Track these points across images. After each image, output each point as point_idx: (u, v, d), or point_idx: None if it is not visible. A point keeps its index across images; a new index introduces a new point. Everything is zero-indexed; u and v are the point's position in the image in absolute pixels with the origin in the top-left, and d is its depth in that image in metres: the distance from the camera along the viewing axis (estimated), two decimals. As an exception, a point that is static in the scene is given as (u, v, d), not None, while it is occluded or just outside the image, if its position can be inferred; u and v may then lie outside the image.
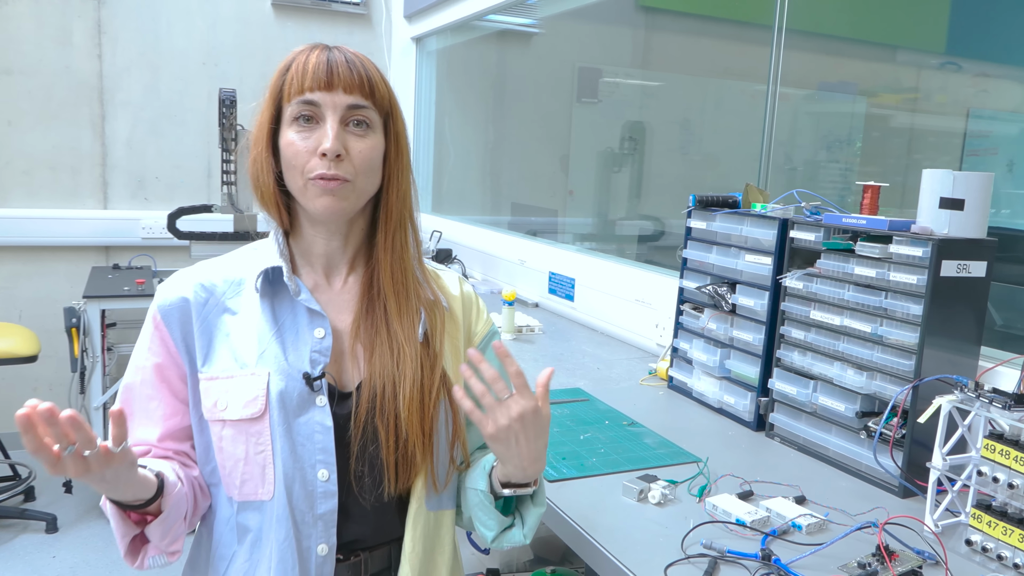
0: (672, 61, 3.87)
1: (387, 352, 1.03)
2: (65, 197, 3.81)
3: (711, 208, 1.79)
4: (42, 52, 3.69)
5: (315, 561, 1.01)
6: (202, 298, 1.04)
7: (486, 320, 1.17)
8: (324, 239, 1.07)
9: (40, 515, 3.15)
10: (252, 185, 1.06)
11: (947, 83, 3.01)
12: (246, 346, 1.02)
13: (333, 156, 0.98)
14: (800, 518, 1.19)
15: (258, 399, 0.99)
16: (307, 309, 1.04)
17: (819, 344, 1.49)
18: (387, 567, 1.07)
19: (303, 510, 1.00)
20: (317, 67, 1.00)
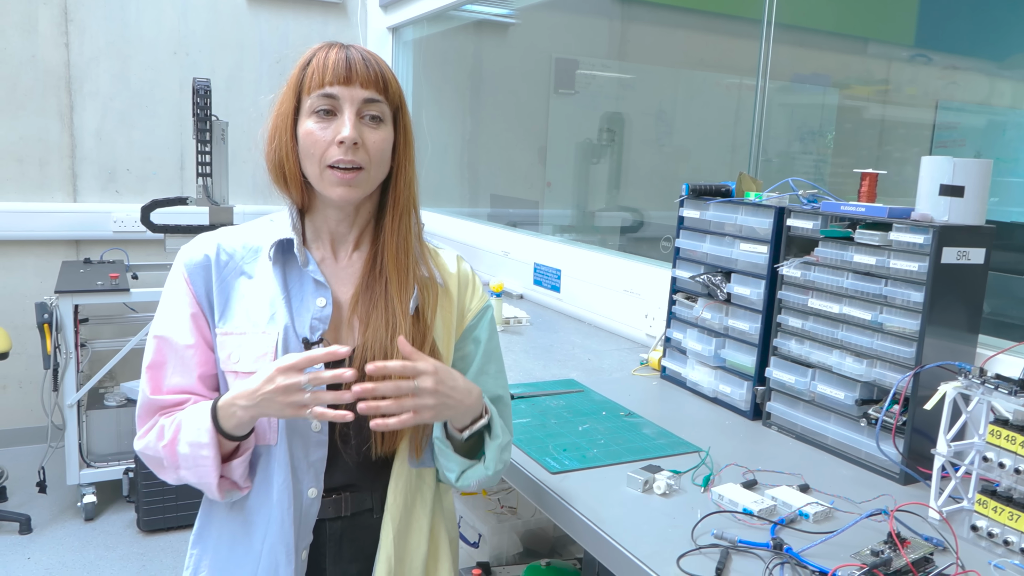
0: (648, 52, 3.87)
1: (381, 324, 1.12)
2: (33, 190, 3.71)
3: (704, 197, 1.78)
4: (6, 41, 3.58)
5: (305, 502, 1.13)
6: (223, 260, 1.16)
7: (480, 296, 1.26)
8: (335, 219, 1.17)
9: (13, 516, 3.06)
10: (272, 170, 1.15)
11: (917, 75, 3.04)
12: (259, 307, 1.13)
13: (351, 144, 1.08)
14: (806, 506, 1.18)
15: (267, 355, 1.10)
16: (313, 280, 1.15)
17: (817, 332, 1.50)
18: (370, 508, 1.18)
19: (299, 456, 1.12)
20: (337, 63, 1.09)
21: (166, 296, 1.16)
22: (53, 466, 3.37)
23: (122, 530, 3.10)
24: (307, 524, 1.14)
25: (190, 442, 1.07)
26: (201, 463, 1.08)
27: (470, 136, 4.47)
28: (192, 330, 1.14)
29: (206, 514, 1.23)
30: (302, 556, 1.14)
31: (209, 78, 3.30)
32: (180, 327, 1.14)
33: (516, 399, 1.69)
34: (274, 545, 1.12)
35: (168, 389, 1.13)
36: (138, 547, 2.98)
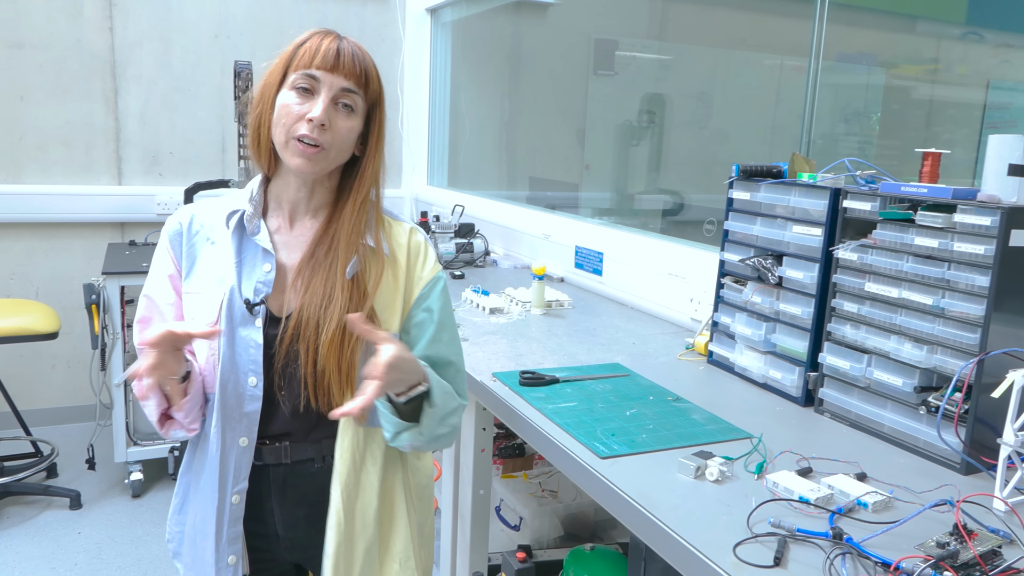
0: (689, 32, 3.79)
1: (319, 290, 1.22)
2: (79, 173, 3.77)
3: (755, 178, 1.74)
4: (53, 25, 3.63)
5: (236, 450, 1.25)
6: (194, 229, 1.30)
7: (432, 267, 1.34)
8: (294, 188, 1.28)
9: (64, 491, 3.14)
10: (251, 134, 1.26)
11: (968, 54, 2.95)
12: (214, 270, 1.27)
13: (318, 124, 1.18)
14: (865, 496, 1.15)
15: (212, 312, 1.24)
16: (262, 248, 1.26)
17: (874, 317, 1.45)
18: (311, 458, 1.30)
19: (232, 407, 1.24)
20: (328, 51, 1.20)
21: (154, 260, 1.32)
22: (101, 444, 3.44)
23: (168, 507, 3.16)
24: (240, 471, 1.26)
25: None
26: (147, 404, 1.24)
27: (508, 118, 4.43)
28: (170, 289, 1.29)
29: (189, 450, 1.37)
30: (233, 500, 1.26)
31: (250, 61, 3.31)
32: (161, 287, 1.29)
33: (562, 383, 1.68)
34: (206, 483, 1.27)
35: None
36: (184, 524, 3.04)
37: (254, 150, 1.27)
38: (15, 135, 3.63)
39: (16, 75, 3.60)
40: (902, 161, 2.89)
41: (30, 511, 3.10)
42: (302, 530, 1.32)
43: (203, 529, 1.27)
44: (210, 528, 1.26)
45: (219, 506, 1.25)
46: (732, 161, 1.79)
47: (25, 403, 3.60)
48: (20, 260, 3.73)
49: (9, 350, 3.62)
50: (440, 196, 4.12)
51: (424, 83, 4.38)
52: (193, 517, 1.32)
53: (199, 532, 1.29)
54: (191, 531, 1.32)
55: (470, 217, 3.38)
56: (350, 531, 1.27)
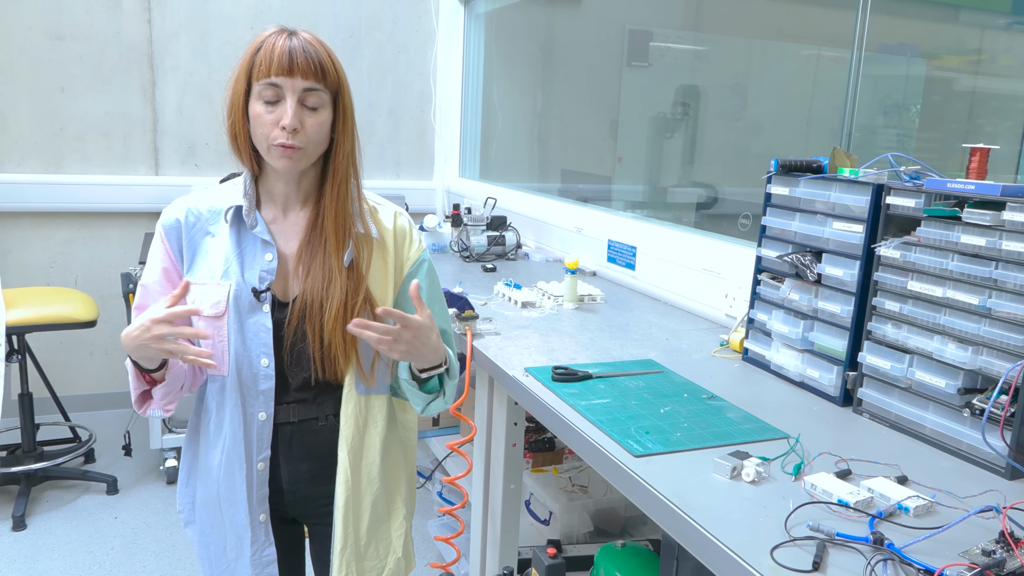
0: (725, 22, 3.74)
1: (319, 274, 1.33)
2: (117, 163, 3.83)
3: (794, 173, 1.71)
4: (92, 17, 3.68)
5: (256, 424, 1.38)
6: (191, 221, 1.37)
7: (418, 248, 1.46)
8: (282, 183, 1.38)
9: (101, 477, 3.20)
10: (229, 141, 1.35)
11: (1013, 44, 2.87)
12: (217, 262, 1.35)
13: (291, 130, 1.27)
14: (907, 500, 1.13)
15: (220, 302, 1.33)
16: (261, 239, 1.36)
17: (917, 317, 1.42)
18: (315, 417, 1.42)
19: (249, 386, 1.36)
20: (281, 55, 1.26)
21: (150, 253, 1.40)
22: (138, 430, 3.50)
23: (202, 494, 3.20)
24: (262, 441, 1.38)
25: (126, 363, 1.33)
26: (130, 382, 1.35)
27: (541, 110, 4.41)
28: (164, 281, 1.37)
29: (193, 423, 1.46)
30: (258, 467, 1.39)
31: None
32: (156, 278, 1.37)
33: (595, 379, 1.66)
34: (229, 458, 1.37)
35: None
36: (217, 511, 3.08)
37: (236, 154, 1.36)
38: (56, 126, 3.70)
39: (57, 66, 3.65)
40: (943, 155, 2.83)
41: (68, 495, 3.17)
42: (305, 484, 1.44)
43: (231, 496, 1.39)
44: (240, 494, 1.38)
45: (247, 474, 1.38)
46: (767, 154, 1.76)
47: (64, 389, 3.68)
48: (60, 249, 3.80)
49: (49, 337, 3.70)
50: (472, 188, 4.12)
51: (457, 75, 4.37)
52: (213, 487, 1.41)
53: (226, 500, 1.40)
54: (214, 500, 1.42)
55: (501, 210, 3.37)
56: (357, 487, 1.42)
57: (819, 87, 3.17)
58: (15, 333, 2.97)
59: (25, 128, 3.65)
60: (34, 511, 3.03)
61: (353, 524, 1.42)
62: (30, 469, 3.08)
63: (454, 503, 2.92)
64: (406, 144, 4.39)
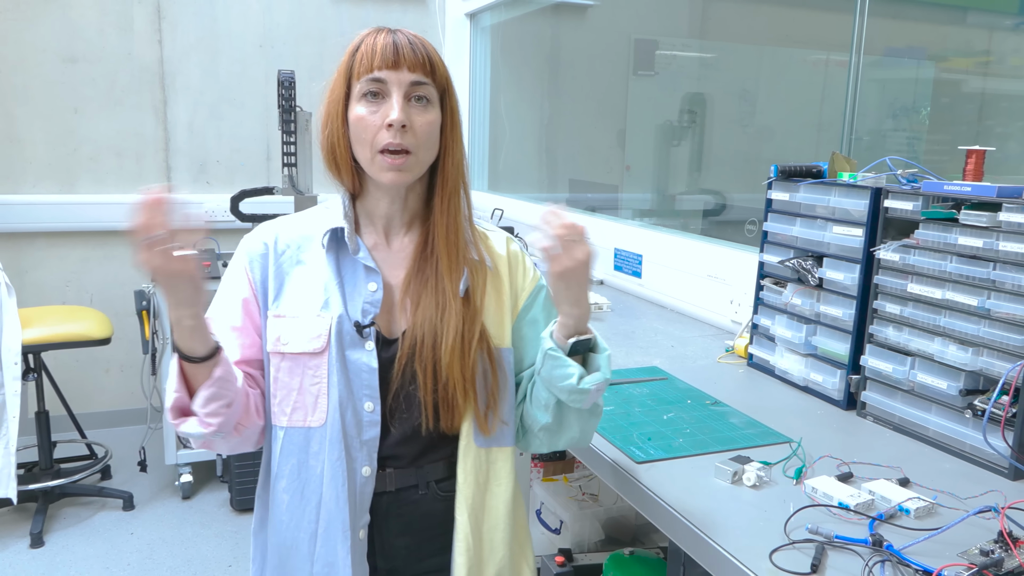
0: (731, 30, 3.75)
1: (432, 305, 1.16)
2: (130, 182, 3.88)
3: (794, 178, 1.71)
4: (104, 39, 3.74)
5: (359, 480, 1.16)
6: (280, 249, 1.20)
7: (532, 277, 1.27)
8: (386, 202, 1.21)
9: (117, 493, 3.24)
10: (325, 156, 1.19)
11: (1021, 44, 2.86)
12: (313, 293, 1.17)
13: (399, 126, 1.11)
14: (907, 502, 1.13)
15: (321, 336, 1.14)
16: (364, 266, 1.18)
17: (917, 319, 1.42)
18: (415, 485, 1.20)
19: (352, 435, 1.15)
20: (385, 48, 1.12)
21: (225, 280, 1.22)
22: (153, 446, 3.54)
23: (216, 508, 3.23)
24: (363, 503, 1.17)
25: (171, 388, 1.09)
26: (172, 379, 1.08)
27: (548, 120, 4.44)
28: (242, 314, 1.19)
29: (261, 503, 1.24)
30: (359, 535, 1.16)
31: (293, 70, 3.37)
32: (229, 309, 1.19)
33: (599, 386, 1.67)
34: (330, 524, 1.14)
35: None
36: (231, 525, 3.11)
37: (334, 171, 1.20)
38: (70, 146, 3.76)
39: (70, 88, 3.72)
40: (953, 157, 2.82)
41: (85, 512, 3.20)
42: (402, 560, 1.23)
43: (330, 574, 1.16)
44: (343, 571, 1.14)
45: (353, 544, 1.14)
46: (777, 160, 1.77)
47: (80, 406, 3.72)
48: (75, 268, 3.86)
49: (65, 355, 3.74)
50: (480, 199, 4.15)
51: (464, 87, 4.41)
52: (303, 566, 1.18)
53: None
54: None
55: (509, 220, 3.39)
56: (478, 555, 1.19)
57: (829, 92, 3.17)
58: (31, 352, 3.02)
59: (40, 149, 3.72)
60: (52, 528, 3.07)
61: None
62: (47, 486, 3.12)
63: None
64: (414, 157, 4.42)
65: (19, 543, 2.95)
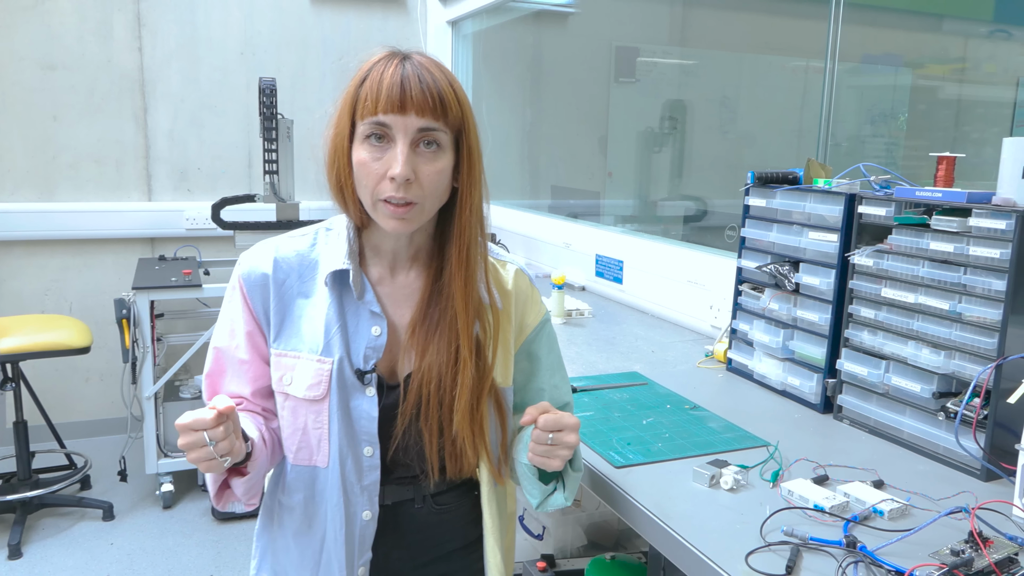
0: (711, 37, 3.79)
1: (439, 355, 1.11)
2: (110, 190, 3.86)
3: (770, 185, 1.74)
4: (84, 46, 3.72)
5: (359, 524, 1.15)
6: (280, 278, 1.14)
7: (538, 311, 1.24)
8: (392, 239, 1.15)
9: (97, 503, 3.20)
10: (333, 190, 1.12)
11: (996, 52, 2.91)
12: (314, 332, 1.12)
13: (402, 181, 1.03)
14: (881, 503, 1.15)
15: (321, 383, 1.11)
16: (369, 310, 1.13)
17: (891, 323, 1.44)
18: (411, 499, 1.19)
19: (352, 480, 1.13)
20: (391, 88, 1.02)
21: (226, 308, 1.18)
22: (133, 456, 3.51)
23: (198, 518, 3.21)
24: (363, 544, 1.16)
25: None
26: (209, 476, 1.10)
27: (530, 127, 4.46)
28: (248, 347, 1.15)
29: (268, 508, 1.25)
30: (358, 572, 1.16)
31: (274, 77, 3.37)
32: (237, 343, 1.15)
33: (579, 392, 1.68)
34: (329, 562, 1.15)
35: (227, 394, 1.15)
36: (213, 534, 3.09)
37: (341, 205, 1.13)
38: (49, 154, 3.73)
39: (49, 96, 3.69)
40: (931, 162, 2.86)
41: (64, 522, 3.17)
42: (394, 573, 1.23)
43: None
44: None
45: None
46: (758, 166, 1.79)
47: (59, 416, 3.68)
48: (55, 276, 3.83)
49: (44, 364, 3.71)
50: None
51: (446, 95, 4.41)
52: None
53: None
54: None
55: (493, 227, 3.40)
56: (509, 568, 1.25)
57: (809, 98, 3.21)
58: (9, 361, 2.99)
59: (18, 157, 3.68)
60: (30, 539, 3.03)
61: None
62: (25, 497, 3.08)
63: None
64: (397, 164, 4.42)
65: (-3, 555, 2.92)
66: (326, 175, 1.12)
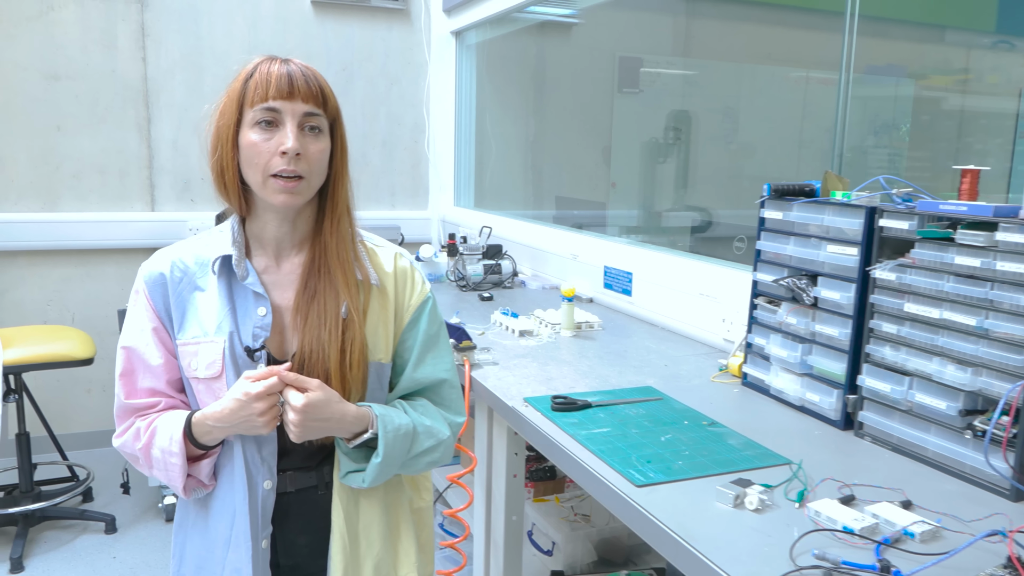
0: (714, 48, 3.78)
1: (316, 325, 1.23)
2: (114, 200, 3.84)
3: (787, 197, 1.72)
4: (88, 57, 3.70)
5: (261, 494, 1.25)
6: (177, 276, 1.26)
7: (420, 292, 1.35)
8: (276, 224, 1.26)
9: (99, 516, 3.17)
10: (215, 178, 1.24)
11: (999, 62, 2.90)
12: (208, 318, 1.24)
13: (293, 155, 1.17)
14: (912, 525, 1.12)
15: (216, 362, 1.22)
16: (253, 291, 1.24)
17: (914, 338, 1.42)
18: (314, 485, 1.31)
19: (252, 452, 1.25)
20: (280, 78, 1.18)
21: (131, 310, 1.28)
22: (136, 469, 3.47)
23: (201, 531, 3.17)
24: (265, 515, 1.26)
25: (162, 448, 1.22)
26: (170, 468, 1.22)
27: (534, 138, 4.44)
28: (155, 342, 1.25)
29: (183, 505, 1.35)
30: (262, 544, 1.26)
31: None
32: (144, 340, 1.26)
33: (595, 407, 1.66)
34: (238, 535, 1.24)
35: (141, 392, 1.26)
36: (217, 548, 3.05)
37: (223, 193, 1.24)
38: (52, 164, 3.71)
39: (53, 106, 3.67)
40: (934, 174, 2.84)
41: (66, 535, 3.13)
42: (303, 557, 1.33)
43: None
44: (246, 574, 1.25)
45: (253, 554, 1.24)
46: (760, 176, 1.77)
47: (61, 427, 3.65)
48: (57, 287, 3.80)
49: (46, 376, 3.68)
50: (467, 217, 4.13)
51: (450, 105, 4.41)
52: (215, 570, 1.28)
53: None
54: None
55: (497, 238, 3.38)
56: (355, 551, 1.30)
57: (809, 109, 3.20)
58: (12, 372, 2.96)
59: (22, 167, 3.66)
60: (32, 552, 3.00)
61: None
62: (28, 510, 3.05)
63: (455, 535, 2.89)
64: (400, 175, 4.41)
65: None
66: (209, 163, 1.24)
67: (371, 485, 1.26)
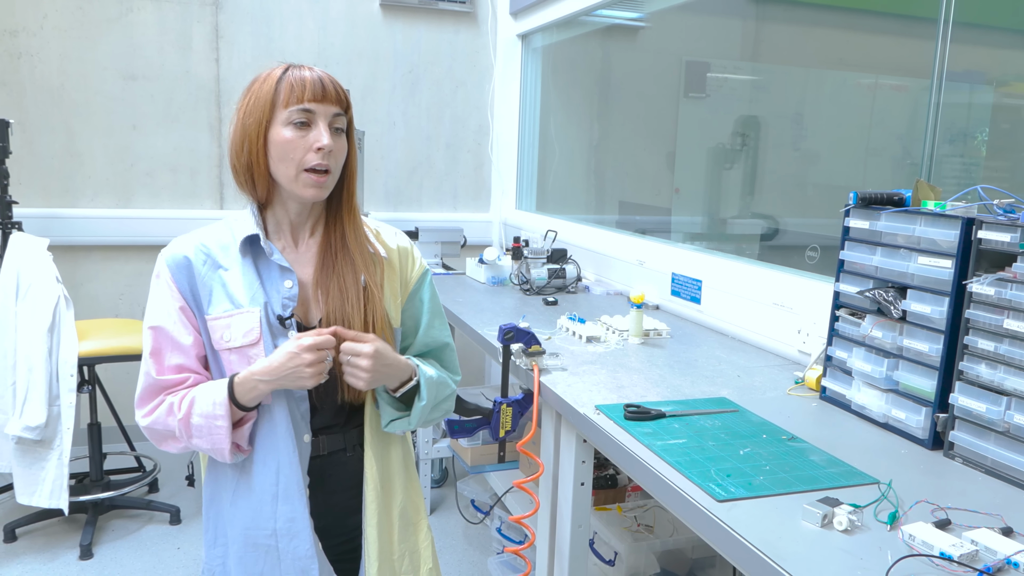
0: (784, 52, 3.70)
1: (338, 296, 1.37)
2: (185, 198, 3.93)
3: (874, 206, 1.65)
4: (164, 57, 3.80)
5: (302, 446, 1.38)
6: (201, 258, 1.37)
7: (419, 267, 1.53)
8: (295, 211, 1.41)
9: (165, 507, 3.24)
10: (242, 171, 1.36)
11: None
12: (239, 292, 1.35)
13: (328, 151, 1.32)
14: (1017, 555, 1.06)
15: (254, 330, 1.34)
16: (279, 266, 1.37)
17: (1014, 356, 1.35)
18: (343, 448, 1.44)
19: (293, 409, 1.37)
20: (314, 83, 1.32)
21: (154, 293, 1.38)
22: (200, 461, 3.54)
23: (262, 526, 3.21)
24: (304, 466, 1.38)
25: (204, 414, 1.31)
26: (215, 432, 1.31)
27: (597, 142, 4.41)
28: (183, 321, 1.36)
29: (213, 480, 1.45)
30: (306, 493, 1.38)
31: (348, 89, 3.39)
32: (172, 319, 1.35)
33: (669, 417, 1.62)
34: (287, 487, 1.36)
35: (170, 369, 1.35)
36: (277, 543, 3.08)
37: (248, 186, 1.37)
38: (127, 162, 3.81)
39: (130, 105, 3.78)
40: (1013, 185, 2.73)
41: (133, 524, 3.21)
42: (334, 517, 1.46)
43: (291, 529, 1.37)
44: (302, 523, 1.37)
45: (297, 500, 1.37)
46: (827, 184, 1.72)
47: (130, 419, 3.73)
48: (129, 281, 3.90)
49: (117, 368, 3.77)
50: (528, 220, 4.12)
51: (514, 108, 4.40)
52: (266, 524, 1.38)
53: (285, 535, 1.37)
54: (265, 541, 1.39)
55: (560, 242, 3.35)
56: (386, 500, 1.46)
57: (877, 116, 3.10)
58: (86, 364, 3.05)
59: (99, 164, 3.78)
60: (100, 540, 3.08)
61: (386, 535, 1.46)
62: (98, 498, 3.13)
63: (513, 539, 2.87)
64: (463, 177, 4.42)
65: (69, 554, 2.96)
66: (235, 158, 1.35)
67: (414, 427, 1.44)
